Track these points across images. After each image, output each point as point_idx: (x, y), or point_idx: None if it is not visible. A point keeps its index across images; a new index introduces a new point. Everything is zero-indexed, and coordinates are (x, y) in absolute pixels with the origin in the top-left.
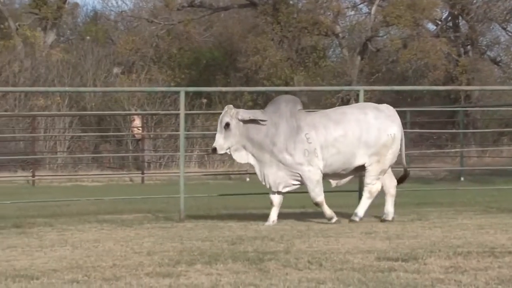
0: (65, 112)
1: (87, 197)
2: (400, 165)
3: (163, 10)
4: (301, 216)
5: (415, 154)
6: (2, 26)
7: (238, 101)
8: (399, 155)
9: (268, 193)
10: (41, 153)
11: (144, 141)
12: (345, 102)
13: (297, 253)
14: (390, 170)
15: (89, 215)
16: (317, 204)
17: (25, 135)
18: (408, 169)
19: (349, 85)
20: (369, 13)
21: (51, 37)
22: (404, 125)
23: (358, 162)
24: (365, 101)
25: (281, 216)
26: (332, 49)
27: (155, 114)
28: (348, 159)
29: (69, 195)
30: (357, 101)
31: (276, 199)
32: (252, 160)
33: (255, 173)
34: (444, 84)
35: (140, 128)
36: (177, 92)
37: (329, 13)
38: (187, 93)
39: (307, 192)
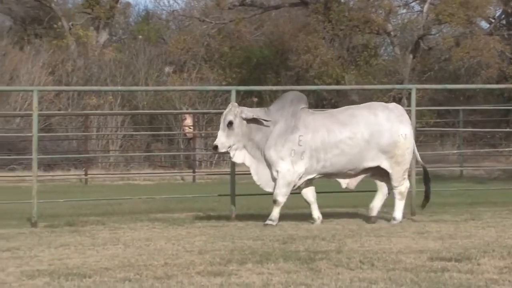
0: (117, 111)
1: (139, 196)
2: (418, 164)
3: (214, 9)
4: (353, 215)
5: (468, 153)
6: (55, 26)
7: None
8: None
9: (319, 193)
10: (93, 151)
11: (195, 140)
12: (397, 101)
13: (348, 252)
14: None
15: (141, 214)
16: (274, 202)
17: (78, 134)
18: (424, 165)
19: (401, 83)
20: (421, 11)
21: (103, 36)
22: (457, 124)
23: (369, 163)
24: (417, 99)
25: (332, 215)
26: (383, 48)
27: (206, 113)
28: (355, 160)
29: (121, 194)
30: (409, 100)
31: (310, 197)
32: (248, 161)
33: None
34: (497, 83)
35: (192, 127)
36: (228, 91)
37: (380, 11)
38: (238, 92)
39: (351, 192)
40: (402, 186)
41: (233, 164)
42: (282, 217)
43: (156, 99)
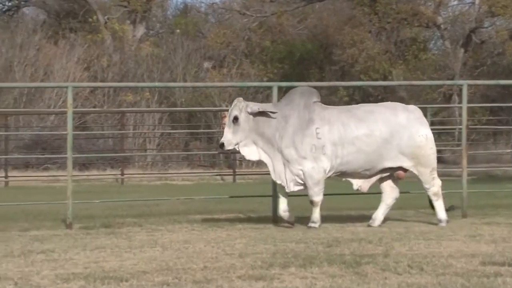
0: (154, 109)
1: (177, 197)
2: None
3: (255, 2)
4: (400, 218)
5: None
6: (90, 19)
7: (333, 96)
8: None
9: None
10: (130, 150)
11: None
12: (447, 97)
13: (396, 256)
14: (392, 182)
15: (179, 215)
16: (312, 203)
17: (114, 132)
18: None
19: (452, 79)
20: (473, 3)
21: (140, 30)
22: (511, 121)
23: (387, 164)
24: (469, 96)
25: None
26: (433, 41)
27: None
28: (372, 159)
29: (159, 194)
30: (460, 96)
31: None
32: (264, 157)
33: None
34: None
35: None
36: (270, 87)
37: (430, 3)
38: (280, 88)
39: (405, 192)
40: (434, 186)
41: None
42: (327, 219)
43: (195, 95)
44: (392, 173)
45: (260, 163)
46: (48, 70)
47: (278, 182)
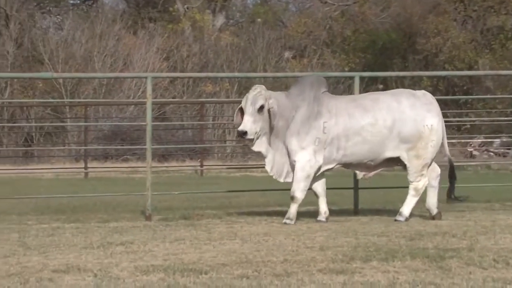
0: (234, 99)
1: (256, 188)
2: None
3: None
4: (486, 211)
5: None
6: (170, 9)
7: (416, 86)
8: (442, 146)
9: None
10: (209, 142)
11: None
12: None
13: (481, 250)
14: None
15: (259, 207)
16: (292, 199)
17: (193, 123)
18: (451, 159)
19: None
20: None
21: (220, 20)
22: None
23: (388, 154)
24: None
25: (465, 210)
26: None
27: None
28: (376, 149)
29: (238, 186)
30: None
31: (320, 189)
32: (264, 149)
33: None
34: None
35: None
36: (351, 78)
37: None
38: (362, 78)
39: (492, 185)
40: (420, 182)
41: None
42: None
43: (275, 86)
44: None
45: None
46: (128, 60)
47: (271, 173)
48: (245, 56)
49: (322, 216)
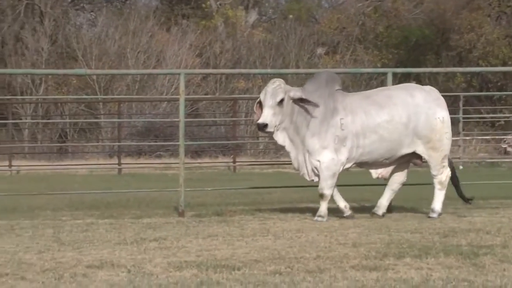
0: None
1: (289, 185)
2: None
3: None
4: None
5: None
6: (203, 5)
7: (450, 83)
8: None
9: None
10: (242, 138)
11: None
12: None
13: None
14: (400, 167)
15: (292, 204)
16: (321, 196)
17: (226, 119)
18: (452, 161)
19: None
20: None
21: (253, 16)
22: None
23: (405, 150)
24: None
25: (499, 207)
26: None
27: None
28: (393, 147)
29: (271, 182)
30: None
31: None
32: (288, 145)
33: (468, 161)
34: None
35: None
36: (384, 74)
37: None
38: (394, 74)
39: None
40: (442, 174)
41: None
42: (442, 208)
43: None
44: (408, 159)
45: None
46: (161, 56)
47: (300, 173)
48: (278, 53)
49: (347, 212)
